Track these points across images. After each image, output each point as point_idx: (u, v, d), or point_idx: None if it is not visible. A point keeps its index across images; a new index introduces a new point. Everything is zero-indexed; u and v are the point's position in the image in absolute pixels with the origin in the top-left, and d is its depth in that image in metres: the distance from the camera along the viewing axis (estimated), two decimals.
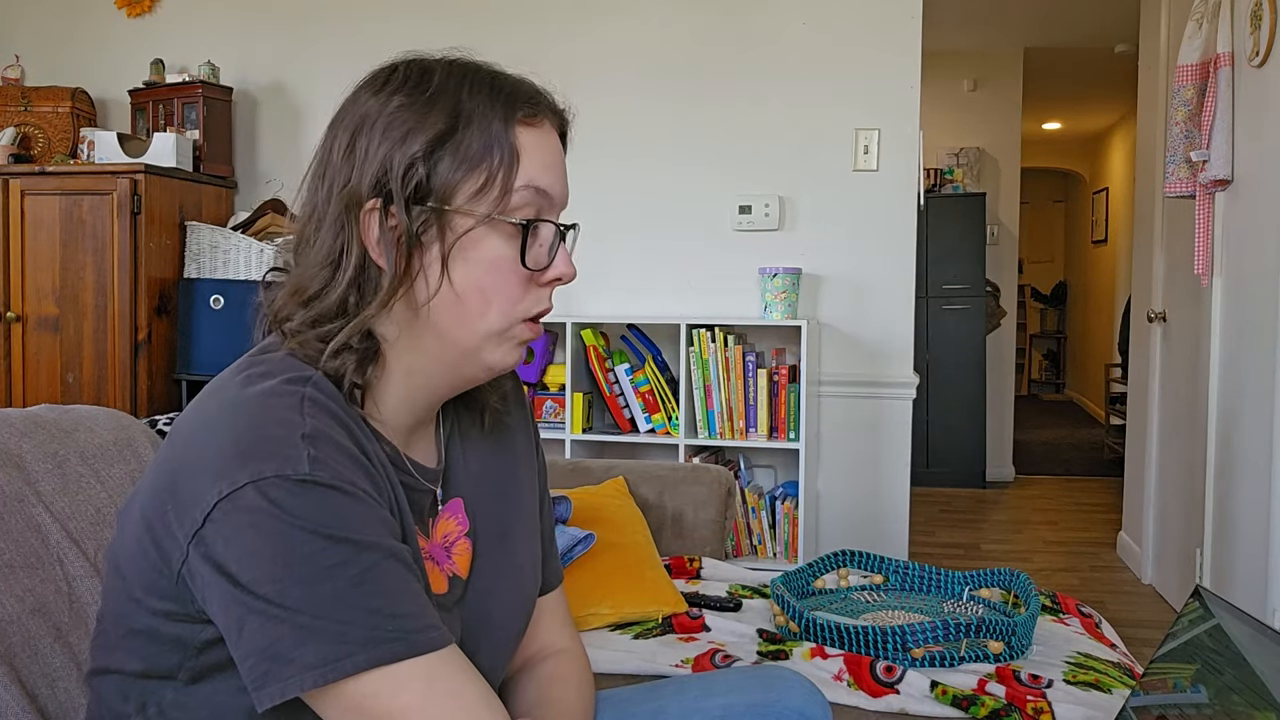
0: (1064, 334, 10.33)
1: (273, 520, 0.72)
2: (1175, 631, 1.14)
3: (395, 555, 0.77)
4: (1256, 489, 2.55)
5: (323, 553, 0.73)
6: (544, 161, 0.87)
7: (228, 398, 0.80)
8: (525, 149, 0.85)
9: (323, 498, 0.74)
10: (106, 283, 3.21)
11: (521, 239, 0.85)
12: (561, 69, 3.94)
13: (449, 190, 0.83)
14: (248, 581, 0.72)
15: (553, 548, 1.10)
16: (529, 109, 0.86)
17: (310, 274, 0.85)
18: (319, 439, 0.77)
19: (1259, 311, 2.59)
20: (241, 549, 0.73)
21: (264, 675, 0.73)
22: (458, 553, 0.93)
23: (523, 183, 0.85)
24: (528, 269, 0.86)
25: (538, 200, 0.86)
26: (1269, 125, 2.53)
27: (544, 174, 0.87)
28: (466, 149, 0.83)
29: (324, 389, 0.81)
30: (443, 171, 0.83)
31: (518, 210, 0.85)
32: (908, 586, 1.91)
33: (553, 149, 0.89)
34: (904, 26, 3.19)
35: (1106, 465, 6.18)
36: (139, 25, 3.75)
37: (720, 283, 3.31)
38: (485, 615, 0.95)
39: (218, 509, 0.73)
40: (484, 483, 0.99)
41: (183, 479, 0.77)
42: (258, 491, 0.73)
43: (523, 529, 1.02)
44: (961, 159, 5.89)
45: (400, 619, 0.75)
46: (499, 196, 0.84)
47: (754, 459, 3.30)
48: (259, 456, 0.74)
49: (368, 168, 0.83)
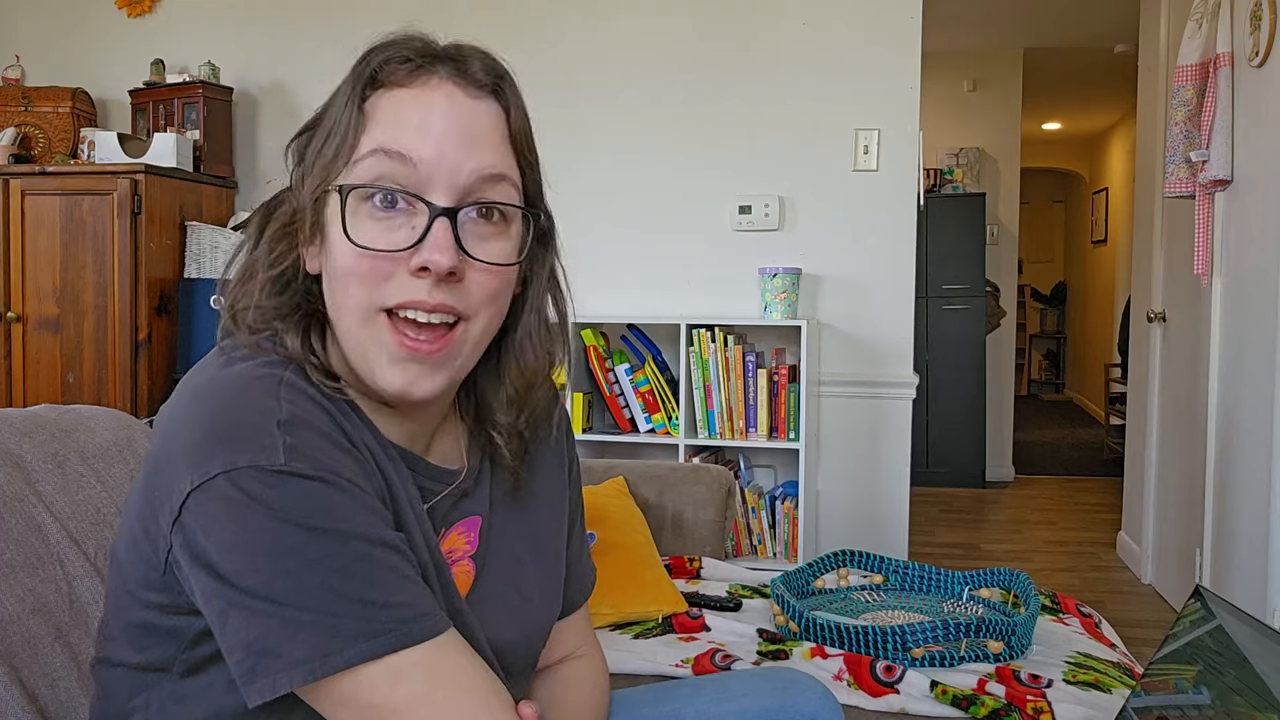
0: (1064, 334, 10.33)
1: (249, 512, 0.70)
2: (1176, 632, 1.14)
3: (385, 543, 0.74)
4: (1256, 489, 2.55)
5: (307, 545, 0.70)
6: (409, 123, 0.78)
7: (203, 380, 0.78)
8: (377, 111, 0.79)
9: (301, 489, 0.71)
10: (107, 283, 3.21)
11: (341, 206, 0.77)
12: (562, 69, 3.94)
13: (311, 164, 0.82)
14: (229, 574, 0.70)
15: (579, 567, 1.05)
16: (391, 69, 0.80)
17: (251, 264, 0.85)
18: (296, 425, 0.73)
19: (1259, 311, 2.59)
20: (221, 540, 0.70)
21: (251, 670, 0.70)
22: (458, 573, 0.88)
23: (368, 148, 0.78)
24: (355, 244, 0.77)
25: (392, 166, 0.77)
26: (1269, 125, 2.53)
27: (402, 136, 0.77)
28: (325, 122, 0.82)
29: (304, 373, 0.79)
30: (312, 147, 0.82)
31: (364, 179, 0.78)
32: (908, 586, 1.91)
33: (428, 107, 0.79)
34: (904, 26, 3.19)
35: (1106, 465, 6.18)
36: (139, 25, 3.75)
37: (720, 283, 3.31)
38: (482, 640, 0.89)
39: (191, 499, 0.71)
40: (509, 510, 0.94)
41: (161, 469, 0.75)
42: (230, 482, 0.70)
43: (538, 562, 0.96)
44: (961, 159, 5.89)
45: (393, 609, 0.72)
46: (345, 166, 0.79)
47: (754, 459, 3.30)
48: (232, 446, 0.71)
49: (291, 158, 0.85)
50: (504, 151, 0.82)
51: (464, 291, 0.79)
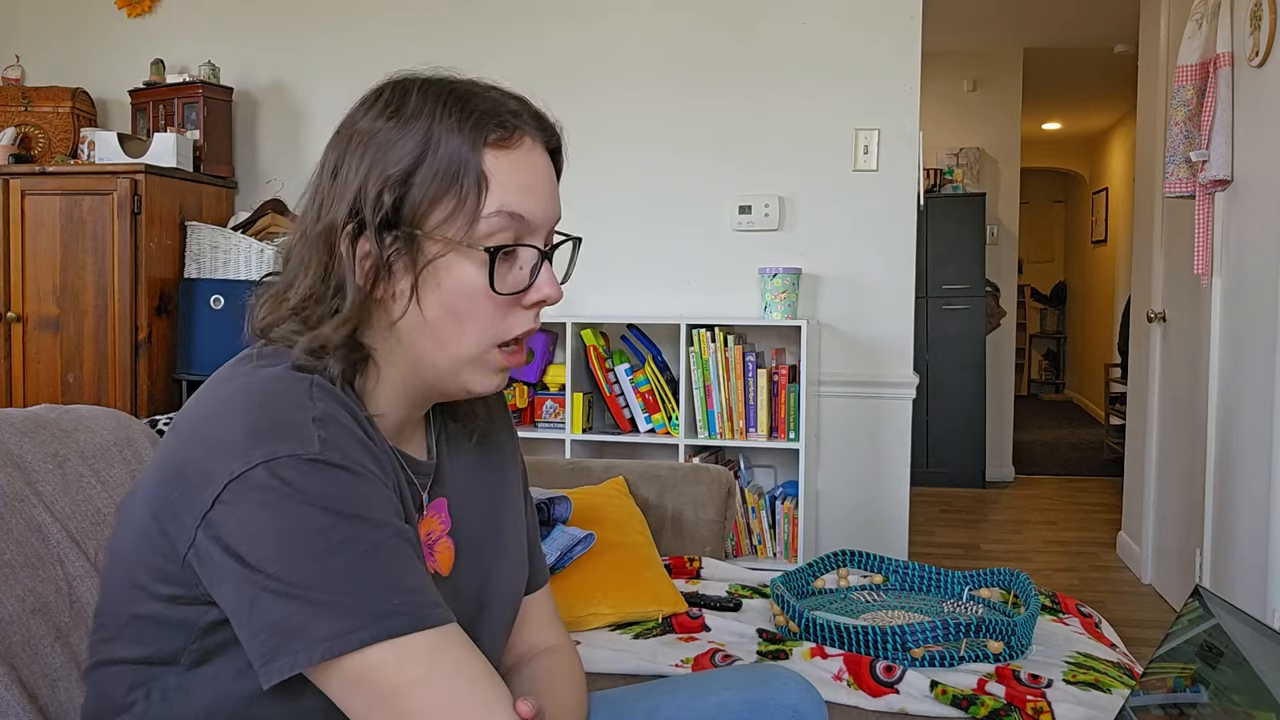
0: (1064, 334, 10.33)
1: (283, 498, 0.74)
2: (1175, 631, 1.14)
3: (401, 534, 0.79)
4: (1256, 489, 2.55)
5: (333, 528, 0.75)
6: (520, 184, 0.86)
7: (236, 385, 0.82)
8: (496, 173, 0.85)
9: (332, 476, 0.76)
10: (107, 283, 3.21)
11: (490, 265, 0.85)
12: (561, 69, 3.94)
13: (418, 217, 0.84)
14: (257, 560, 0.74)
15: (537, 549, 1.12)
16: (501, 131, 0.85)
17: (295, 291, 0.87)
18: (328, 422, 0.79)
19: (1259, 311, 2.59)
20: (252, 528, 0.74)
21: (273, 650, 0.74)
22: (439, 551, 0.94)
23: (493, 209, 0.84)
24: (501, 294, 0.86)
25: (513, 224, 0.86)
26: (1269, 125, 2.53)
27: (519, 198, 0.86)
28: (435, 176, 0.84)
29: (330, 376, 0.84)
30: (412, 198, 0.84)
31: (489, 236, 0.85)
32: (908, 586, 1.91)
33: (532, 170, 0.87)
34: (904, 26, 3.19)
35: (1106, 465, 6.18)
36: (139, 25, 3.75)
37: (720, 283, 3.31)
38: (475, 612, 0.96)
39: (228, 489, 0.75)
40: (471, 484, 1.00)
41: (191, 464, 0.78)
42: (269, 471, 0.75)
43: (511, 528, 1.04)
44: (961, 159, 5.89)
45: (407, 594, 0.76)
46: (467, 223, 0.84)
47: (754, 459, 3.30)
48: (272, 437, 0.76)
49: (345, 193, 0.84)
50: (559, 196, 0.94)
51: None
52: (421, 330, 0.86)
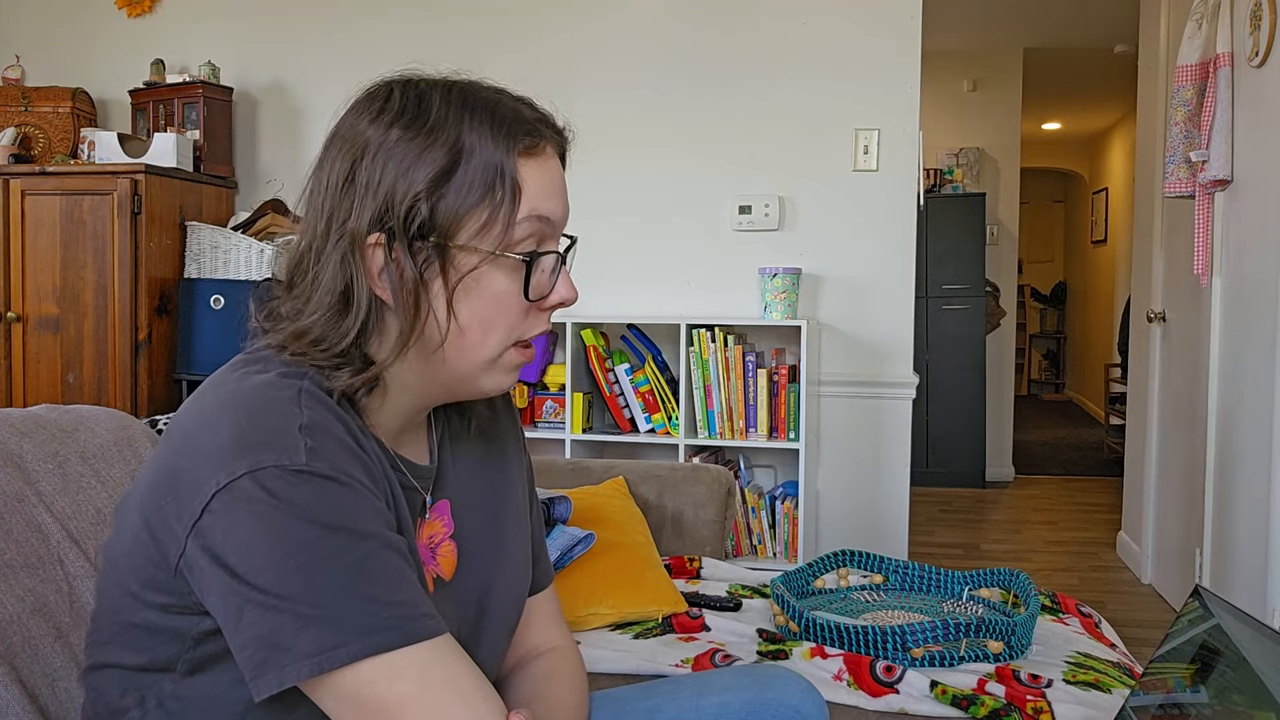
0: (1064, 334, 10.33)
1: (270, 510, 0.73)
2: (1175, 631, 1.14)
3: (391, 545, 0.78)
4: (1256, 489, 2.55)
5: (320, 541, 0.73)
6: (546, 189, 0.87)
7: (225, 391, 0.81)
8: (527, 180, 0.85)
9: (319, 488, 0.75)
10: (107, 283, 3.21)
11: (525, 272, 0.85)
12: (561, 69, 3.93)
13: (452, 227, 0.82)
14: (245, 572, 0.73)
15: (542, 549, 1.11)
16: (529, 139, 0.85)
17: (317, 314, 0.83)
18: (316, 430, 0.77)
19: (1259, 311, 2.59)
20: (239, 539, 0.73)
21: (261, 664, 0.73)
22: (442, 554, 0.93)
23: (525, 214, 0.84)
24: (530, 300, 0.86)
25: (540, 228, 0.86)
26: (1269, 125, 2.53)
27: (546, 201, 0.86)
28: (469, 185, 0.82)
29: (320, 383, 0.82)
30: (445, 208, 0.82)
31: (521, 243, 0.85)
32: (907, 586, 1.91)
33: (554, 173, 0.88)
34: (904, 26, 3.19)
35: (1106, 465, 6.18)
36: (139, 25, 3.75)
37: (720, 283, 3.31)
38: (477, 615, 0.95)
39: (215, 500, 0.74)
40: (474, 485, 0.99)
41: (182, 472, 0.77)
42: (254, 482, 0.73)
43: (515, 530, 1.03)
44: (961, 159, 5.89)
45: (396, 607, 0.75)
46: (502, 231, 0.83)
47: (754, 459, 3.30)
48: (257, 447, 0.75)
49: (368, 203, 0.82)
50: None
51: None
52: (451, 341, 0.85)
